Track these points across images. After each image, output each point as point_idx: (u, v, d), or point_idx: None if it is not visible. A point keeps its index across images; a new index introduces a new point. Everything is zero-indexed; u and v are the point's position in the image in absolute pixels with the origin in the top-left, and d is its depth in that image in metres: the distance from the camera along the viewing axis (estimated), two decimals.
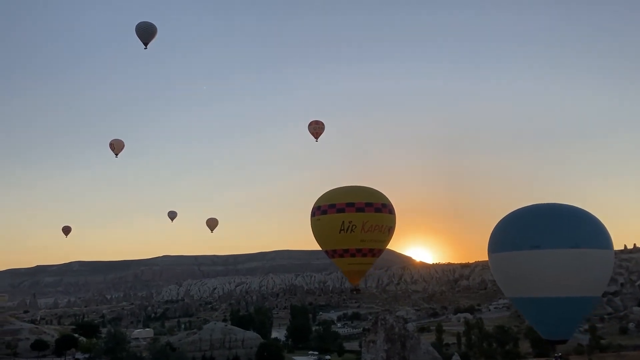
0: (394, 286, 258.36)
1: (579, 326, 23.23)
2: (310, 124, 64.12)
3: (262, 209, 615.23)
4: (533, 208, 23.17)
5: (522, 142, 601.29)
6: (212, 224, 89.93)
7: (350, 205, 36.40)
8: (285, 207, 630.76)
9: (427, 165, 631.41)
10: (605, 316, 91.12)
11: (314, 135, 63.39)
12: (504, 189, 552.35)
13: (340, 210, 36.34)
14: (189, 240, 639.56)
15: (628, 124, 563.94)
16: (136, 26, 57.38)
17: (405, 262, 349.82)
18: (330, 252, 38.10)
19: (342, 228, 35.92)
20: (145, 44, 57.54)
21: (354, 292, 52.17)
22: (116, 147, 74.20)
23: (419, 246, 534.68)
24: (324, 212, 37.13)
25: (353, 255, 36.99)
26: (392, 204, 38.44)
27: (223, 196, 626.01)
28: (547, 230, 21.57)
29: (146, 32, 57.29)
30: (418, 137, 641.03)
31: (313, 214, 38.36)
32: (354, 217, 36.01)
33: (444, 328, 79.10)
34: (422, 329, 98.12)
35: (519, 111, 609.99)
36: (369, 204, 36.69)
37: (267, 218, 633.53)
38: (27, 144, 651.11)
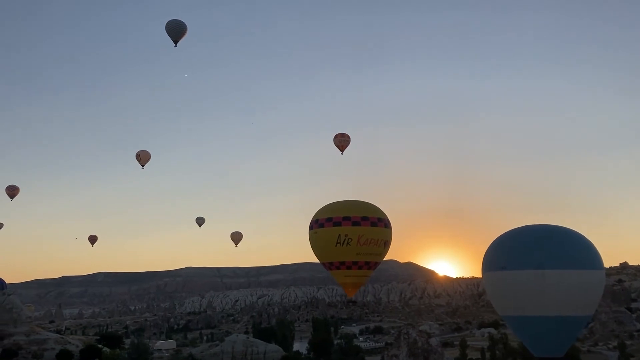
0: (417, 300, 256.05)
1: (570, 343, 24.20)
2: (335, 137, 64.32)
3: (285, 221, 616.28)
4: (527, 229, 24.19)
5: (554, 152, 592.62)
6: (236, 237, 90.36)
7: (347, 219, 37.51)
8: (308, 220, 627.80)
9: (452, 178, 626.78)
10: (635, 333, 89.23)
11: (339, 148, 63.53)
12: (531, 202, 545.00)
13: (337, 224, 37.43)
14: (211, 252, 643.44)
15: None
16: (166, 24, 58.53)
17: (428, 275, 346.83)
18: (327, 265, 39.09)
19: (339, 241, 37.05)
20: (175, 42, 58.65)
21: (350, 304, 53.80)
22: (142, 158, 75.26)
23: (443, 260, 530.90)
24: (321, 226, 38.26)
25: (349, 268, 38.04)
26: (389, 219, 39.45)
27: (245, 208, 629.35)
28: (539, 251, 22.49)
29: (176, 30, 58.40)
30: (445, 149, 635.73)
31: (311, 227, 39.34)
32: (350, 231, 37.12)
33: (468, 343, 77.98)
34: (445, 344, 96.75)
35: (555, 121, 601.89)
36: (364, 218, 37.75)
37: (289, 230, 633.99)
38: (53, 155, 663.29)
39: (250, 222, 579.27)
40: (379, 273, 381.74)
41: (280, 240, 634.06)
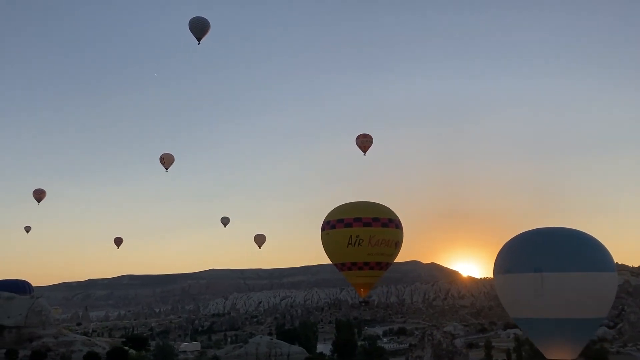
0: (441, 301, 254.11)
1: (583, 345, 24.23)
2: (358, 137, 64.09)
3: (307, 222, 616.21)
4: (536, 232, 24.49)
5: (585, 151, 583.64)
6: (260, 240, 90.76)
7: (358, 220, 37.84)
8: None
9: (476, 178, 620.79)
10: None
11: (362, 149, 63.32)
12: (556, 202, 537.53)
13: (348, 225, 37.76)
14: (234, 254, 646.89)
15: None
16: (189, 21, 59.06)
17: (452, 276, 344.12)
18: (339, 266, 39.33)
19: (350, 242, 37.41)
20: (199, 39, 59.15)
21: (363, 304, 54.85)
22: (166, 161, 76.11)
23: (466, 260, 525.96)
24: (333, 227, 38.60)
25: (361, 269, 38.37)
26: (400, 219, 39.50)
27: (267, 210, 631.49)
28: (551, 253, 22.78)
29: (199, 28, 58.87)
30: (468, 149, 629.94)
31: (323, 229, 39.56)
32: (361, 232, 37.46)
33: (493, 344, 77.23)
34: (470, 345, 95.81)
35: (588, 118, 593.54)
36: (375, 219, 38.06)
37: (312, 232, 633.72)
38: (79, 159, 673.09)
39: (273, 223, 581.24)
40: (403, 274, 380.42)
41: (302, 242, 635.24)
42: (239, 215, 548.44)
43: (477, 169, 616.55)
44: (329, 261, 41.37)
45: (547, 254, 22.81)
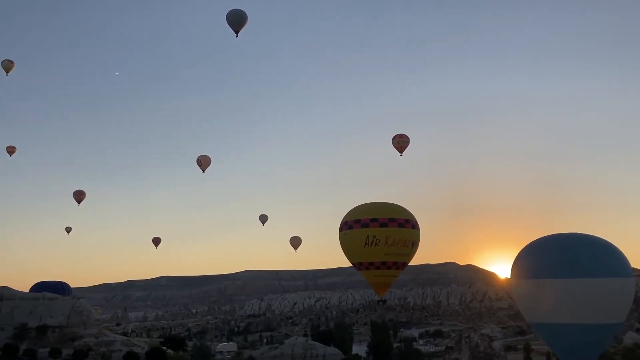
0: (478, 303, 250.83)
1: (601, 351, 23.94)
2: (394, 138, 63.75)
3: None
4: (554, 238, 24.73)
5: (624, 150, 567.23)
6: (295, 242, 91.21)
7: (374, 220, 38.31)
8: None
9: (513, 178, 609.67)
10: None
11: (398, 149, 62.97)
12: (595, 203, 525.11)
13: (365, 226, 38.20)
14: (269, 255, 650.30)
15: None
16: (227, 14, 59.68)
17: (489, 278, 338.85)
18: (357, 265, 39.69)
19: (367, 242, 37.91)
20: (237, 32, 59.73)
21: (380, 304, 55.58)
22: (203, 163, 77.17)
23: (504, 262, 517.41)
24: (350, 227, 39.04)
25: (378, 268, 38.76)
26: (416, 220, 39.49)
27: (302, 210, 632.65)
28: (568, 259, 22.99)
29: (237, 20, 59.44)
30: (508, 147, 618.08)
31: (340, 229, 39.82)
32: (378, 232, 37.88)
33: (532, 347, 75.87)
34: (508, 348, 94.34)
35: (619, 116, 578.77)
36: (392, 220, 38.44)
37: None
38: (118, 161, 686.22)
39: (308, 224, 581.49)
40: (439, 276, 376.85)
41: (337, 243, 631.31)
42: (274, 216, 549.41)
43: (516, 168, 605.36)
44: None
45: (564, 260, 22.93)
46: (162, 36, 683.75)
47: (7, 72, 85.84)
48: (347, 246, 40.71)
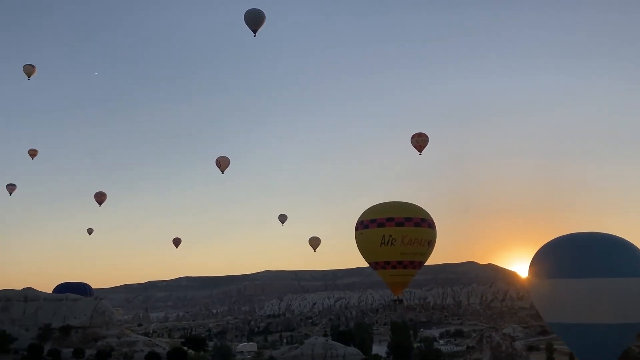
0: (499, 302, 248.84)
1: (621, 351, 23.52)
2: (413, 137, 63.38)
3: None
4: (573, 237, 24.60)
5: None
6: (314, 243, 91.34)
7: (390, 220, 38.33)
8: None
9: (534, 178, 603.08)
10: None
11: (417, 149, 62.59)
12: (616, 202, 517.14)
13: (381, 225, 38.21)
14: (288, 256, 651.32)
15: None
16: (245, 13, 59.96)
17: (510, 277, 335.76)
18: (373, 264, 39.72)
19: (383, 241, 37.97)
20: (255, 32, 59.98)
21: (397, 303, 55.71)
22: (222, 164, 77.65)
23: (525, 261, 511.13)
24: (366, 227, 39.07)
25: (394, 267, 38.82)
26: (433, 219, 39.28)
27: (322, 210, 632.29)
28: (586, 259, 22.89)
29: (255, 19, 59.67)
30: (528, 146, 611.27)
31: (356, 229, 39.79)
32: (394, 232, 37.91)
33: (555, 347, 75.03)
34: (530, 348, 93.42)
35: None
36: (408, 219, 38.43)
37: None
38: (138, 162, 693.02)
39: (327, 224, 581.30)
40: (459, 275, 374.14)
41: (355, 243, 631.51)
42: (293, 216, 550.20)
43: (537, 167, 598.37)
44: None
45: (582, 260, 22.80)
46: (182, 37, 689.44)
47: (28, 76, 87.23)
48: (363, 246, 40.93)
